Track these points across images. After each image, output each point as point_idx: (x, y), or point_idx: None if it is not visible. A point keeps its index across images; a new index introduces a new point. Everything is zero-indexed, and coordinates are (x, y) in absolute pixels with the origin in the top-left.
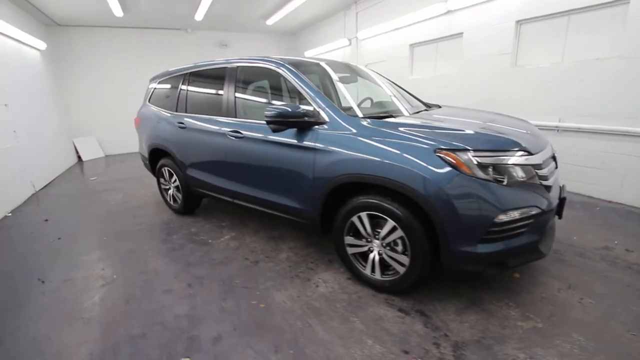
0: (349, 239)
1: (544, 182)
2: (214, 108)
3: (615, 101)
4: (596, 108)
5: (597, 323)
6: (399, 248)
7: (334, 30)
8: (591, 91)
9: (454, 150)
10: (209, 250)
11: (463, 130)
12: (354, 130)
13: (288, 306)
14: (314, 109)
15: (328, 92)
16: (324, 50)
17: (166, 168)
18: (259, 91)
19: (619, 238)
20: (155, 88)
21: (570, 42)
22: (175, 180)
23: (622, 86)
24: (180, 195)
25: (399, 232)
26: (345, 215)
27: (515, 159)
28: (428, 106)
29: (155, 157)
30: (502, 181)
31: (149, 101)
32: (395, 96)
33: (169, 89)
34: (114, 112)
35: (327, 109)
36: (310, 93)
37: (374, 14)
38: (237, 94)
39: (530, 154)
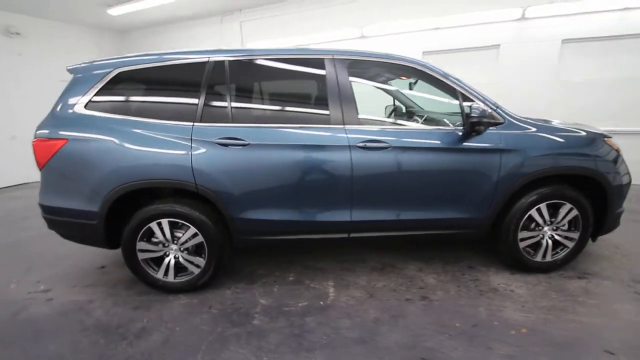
0: (522, 234)
1: None
2: (305, 115)
3: None
4: None
5: None
6: (565, 227)
7: (203, 35)
8: None
9: (609, 138)
10: (348, 314)
11: (581, 125)
12: (531, 128)
13: (534, 318)
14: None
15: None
16: None
17: (165, 220)
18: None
19: None
20: (106, 85)
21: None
22: (191, 237)
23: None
24: (201, 260)
25: (574, 212)
26: (524, 210)
27: None
28: None
29: (119, 208)
30: None
31: (85, 107)
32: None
33: (165, 87)
34: None
35: (499, 109)
36: (479, 94)
37: (267, 28)
38: (363, 97)
39: None
